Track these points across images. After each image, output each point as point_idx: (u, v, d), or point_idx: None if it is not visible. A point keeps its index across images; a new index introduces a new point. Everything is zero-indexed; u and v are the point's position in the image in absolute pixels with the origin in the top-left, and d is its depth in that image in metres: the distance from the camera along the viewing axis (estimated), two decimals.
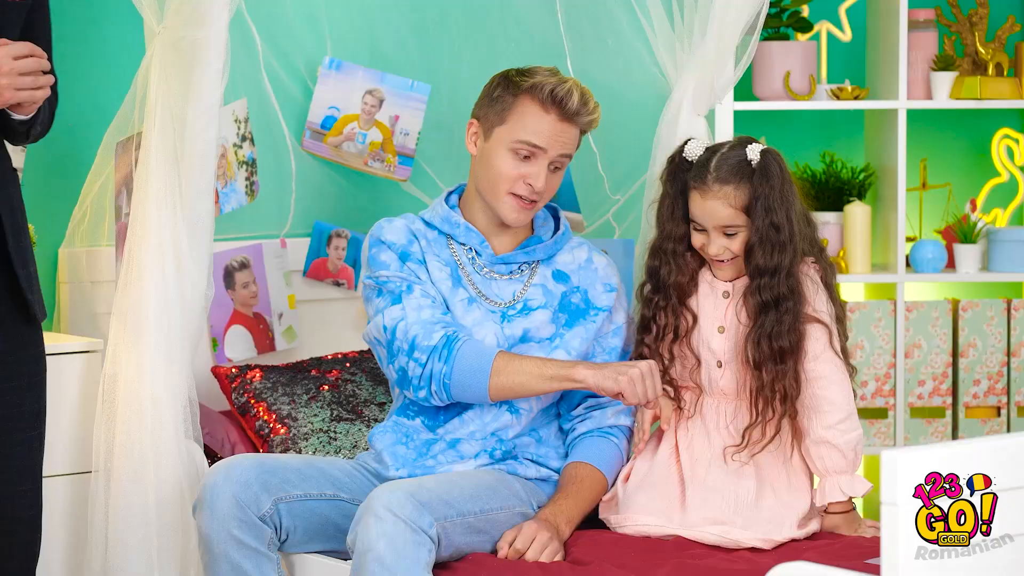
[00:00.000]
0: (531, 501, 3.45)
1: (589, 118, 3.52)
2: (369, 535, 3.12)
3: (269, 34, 4.20)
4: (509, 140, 3.49)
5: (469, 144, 3.57)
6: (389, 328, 3.46)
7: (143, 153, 3.53)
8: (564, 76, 3.53)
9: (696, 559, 3.23)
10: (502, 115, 3.50)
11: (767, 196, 3.41)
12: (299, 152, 4.26)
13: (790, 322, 3.41)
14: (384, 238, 3.56)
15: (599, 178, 4.37)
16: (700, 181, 3.45)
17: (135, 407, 3.51)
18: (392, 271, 3.52)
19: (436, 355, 3.41)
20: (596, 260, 3.64)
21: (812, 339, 3.44)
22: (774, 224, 3.41)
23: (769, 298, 3.42)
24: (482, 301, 3.54)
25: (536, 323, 3.54)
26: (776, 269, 3.41)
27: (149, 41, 3.55)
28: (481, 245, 3.57)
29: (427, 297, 3.48)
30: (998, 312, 4.65)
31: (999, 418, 4.67)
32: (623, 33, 4.16)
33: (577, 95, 3.49)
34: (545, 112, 3.49)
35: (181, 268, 3.54)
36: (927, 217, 4.93)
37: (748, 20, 3.87)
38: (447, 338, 3.41)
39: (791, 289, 3.42)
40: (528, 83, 3.50)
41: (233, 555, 3.28)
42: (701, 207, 3.45)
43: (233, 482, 3.29)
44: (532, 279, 3.59)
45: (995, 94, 4.63)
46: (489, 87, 3.57)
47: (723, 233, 3.45)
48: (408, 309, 3.46)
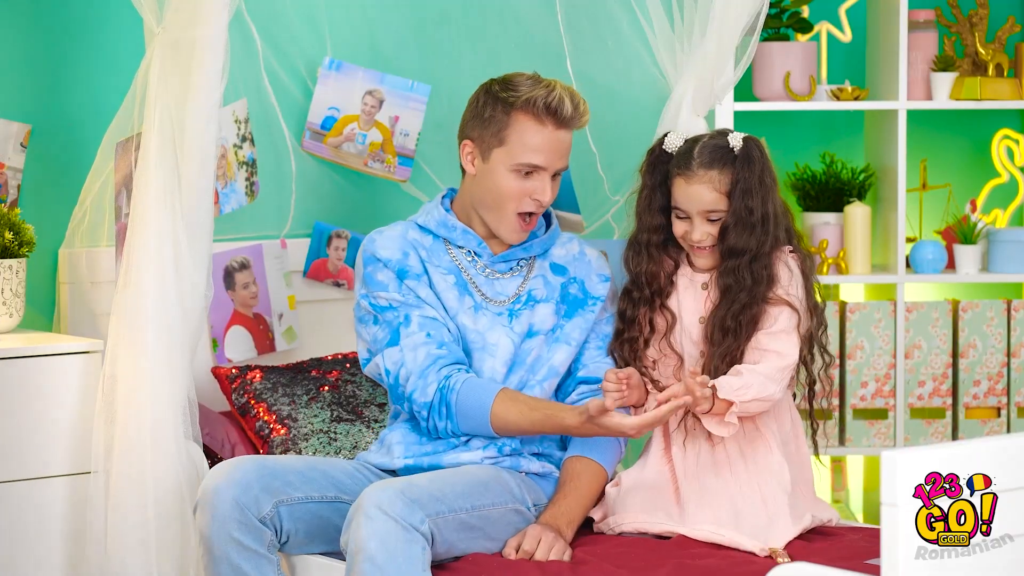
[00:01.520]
0: (525, 498, 3.45)
1: (582, 119, 3.54)
2: (360, 535, 3.12)
3: (269, 34, 4.21)
4: (510, 162, 3.49)
5: (465, 164, 3.55)
6: (392, 373, 3.49)
7: (143, 153, 3.53)
8: (547, 81, 3.52)
9: (696, 559, 3.22)
10: (499, 136, 3.49)
11: (746, 179, 3.45)
12: (299, 152, 4.26)
13: (752, 300, 3.42)
14: (379, 255, 3.54)
15: (599, 179, 4.37)
16: (685, 167, 3.47)
17: (135, 407, 3.51)
18: (390, 293, 3.51)
19: (436, 413, 3.45)
20: (588, 252, 3.68)
21: (776, 317, 3.45)
22: (748, 207, 3.44)
23: (737, 279, 3.44)
24: (488, 305, 3.54)
25: (540, 317, 3.56)
26: (746, 250, 3.44)
27: (149, 41, 3.55)
28: (480, 247, 3.57)
29: (424, 327, 3.47)
30: (998, 313, 4.65)
31: (999, 419, 4.67)
32: (623, 33, 4.16)
33: (568, 100, 3.49)
34: (542, 125, 3.49)
35: (181, 268, 3.54)
36: (927, 218, 4.93)
37: (748, 21, 3.87)
38: (441, 393, 3.43)
39: (761, 272, 3.44)
40: (518, 98, 3.48)
41: (233, 557, 3.29)
42: (685, 192, 3.47)
43: (234, 484, 3.28)
44: (532, 273, 3.60)
45: (995, 95, 4.63)
46: (476, 105, 3.54)
47: (706, 219, 3.47)
48: (406, 351, 3.47)
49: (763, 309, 3.44)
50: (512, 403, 3.43)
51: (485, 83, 3.56)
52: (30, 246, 3.77)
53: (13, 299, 3.75)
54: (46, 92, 3.99)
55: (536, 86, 3.50)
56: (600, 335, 3.62)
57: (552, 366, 3.56)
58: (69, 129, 4.00)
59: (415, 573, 3.13)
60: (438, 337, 3.48)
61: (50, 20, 3.98)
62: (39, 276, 3.96)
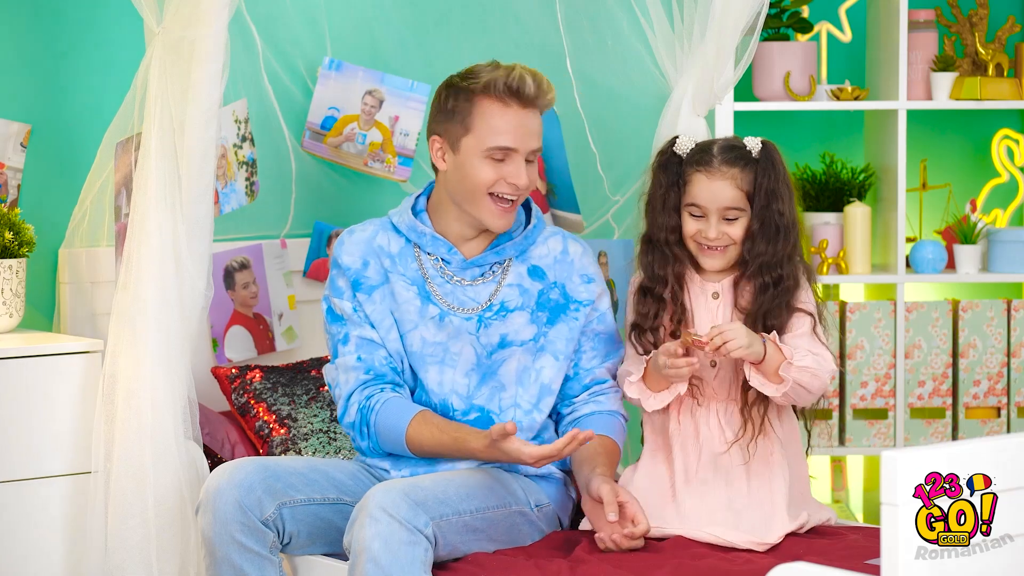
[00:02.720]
0: (528, 499, 3.45)
1: (547, 98, 3.48)
2: (364, 535, 3.12)
3: (269, 34, 4.21)
4: (480, 148, 3.44)
5: (437, 160, 3.50)
6: (332, 389, 3.54)
7: (143, 153, 3.53)
8: (508, 65, 3.48)
9: (696, 559, 3.22)
10: (465, 123, 3.45)
11: (772, 181, 3.45)
12: (299, 152, 4.26)
13: (785, 302, 3.43)
14: (341, 261, 3.52)
15: (599, 178, 4.37)
16: (705, 164, 3.46)
17: (135, 407, 3.51)
18: (343, 302, 3.50)
19: (358, 432, 3.47)
20: (571, 250, 3.60)
21: (796, 325, 3.45)
22: (779, 211, 3.44)
23: (770, 280, 3.44)
24: (454, 313, 3.51)
25: (514, 327, 3.51)
26: (776, 256, 3.44)
27: (149, 41, 3.55)
28: (449, 253, 3.52)
29: (359, 349, 3.48)
30: (998, 313, 4.65)
31: (999, 419, 4.66)
32: (623, 33, 4.15)
33: (530, 78, 3.45)
34: (506, 106, 3.44)
35: (181, 268, 3.54)
36: (927, 217, 4.93)
37: (748, 21, 3.87)
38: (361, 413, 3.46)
39: (790, 274, 3.45)
40: (478, 83, 3.45)
41: (235, 558, 3.28)
42: (707, 188, 3.45)
43: (236, 486, 3.28)
44: (506, 279, 3.54)
45: (995, 95, 4.63)
46: (438, 101, 3.51)
47: (723, 217, 3.45)
48: (340, 370, 3.49)
49: (792, 314, 3.44)
50: (424, 426, 3.42)
51: (446, 79, 3.53)
52: (30, 246, 3.78)
53: (13, 299, 3.75)
54: (46, 92, 3.99)
55: (496, 70, 3.46)
56: (592, 336, 3.58)
57: (543, 384, 3.52)
58: (69, 129, 4.00)
59: (415, 575, 3.13)
60: (369, 361, 3.47)
61: (50, 20, 3.98)
62: (39, 276, 3.96)
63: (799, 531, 3.43)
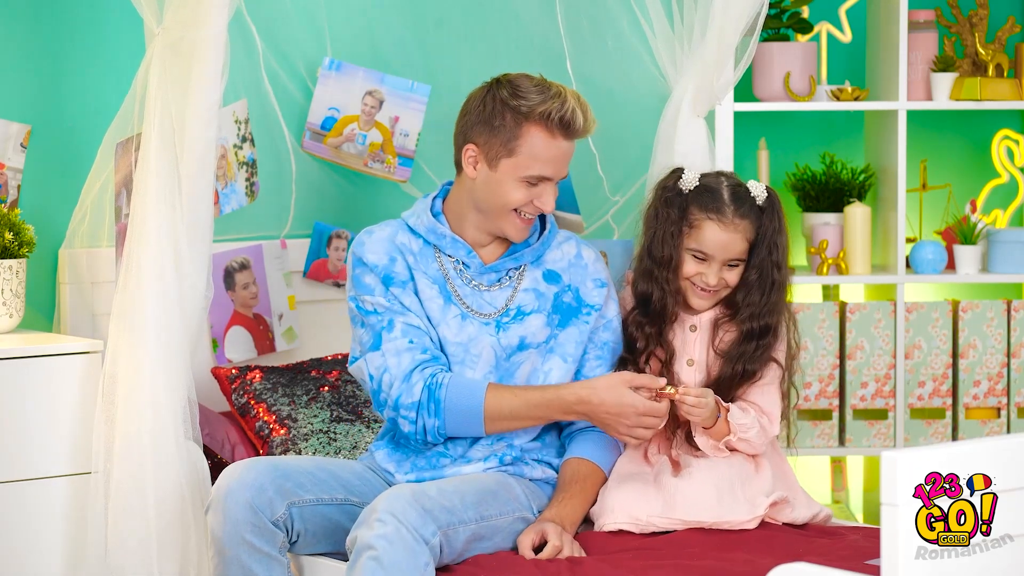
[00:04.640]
0: (531, 505, 3.45)
1: (591, 129, 3.50)
2: (370, 535, 3.12)
3: (269, 34, 4.21)
4: (519, 174, 3.44)
5: (467, 167, 3.48)
6: (375, 378, 3.46)
7: (143, 154, 3.53)
8: (556, 89, 3.45)
9: (696, 559, 3.23)
10: (509, 146, 3.43)
11: (775, 233, 3.50)
12: (299, 153, 4.26)
13: (763, 353, 3.50)
14: (366, 259, 3.50)
15: (598, 179, 4.37)
16: (717, 212, 3.48)
17: (135, 408, 3.51)
18: (376, 297, 3.48)
19: (424, 411, 3.42)
20: (585, 255, 3.62)
21: (766, 373, 3.53)
22: (776, 263, 3.50)
23: (757, 328, 3.49)
24: (473, 316, 3.51)
25: (532, 329, 3.52)
26: (768, 307, 3.49)
27: (149, 42, 3.55)
28: (468, 256, 3.53)
29: (407, 334, 3.45)
30: (998, 313, 4.65)
31: (999, 419, 4.66)
32: (623, 34, 4.15)
33: (580, 112, 3.44)
34: (553, 138, 3.44)
35: (181, 269, 3.54)
36: (927, 218, 4.93)
37: (748, 21, 3.87)
38: (429, 390, 3.41)
39: (776, 325, 3.51)
40: (532, 110, 3.42)
41: (244, 559, 3.28)
42: (719, 238, 3.48)
43: (247, 487, 3.27)
44: (522, 284, 3.55)
45: (995, 95, 4.63)
46: (483, 110, 3.46)
47: (726, 264, 3.47)
48: (388, 356, 3.44)
49: (767, 363, 3.51)
50: (503, 391, 3.42)
51: (488, 85, 3.49)
52: (30, 246, 3.78)
53: (13, 299, 3.75)
54: (46, 92, 3.99)
55: (548, 97, 3.43)
56: (598, 344, 3.58)
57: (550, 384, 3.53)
58: (69, 129, 4.00)
59: None
60: (420, 343, 3.45)
61: (50, 20, 3.99)
62: (39, 276, 3.96)
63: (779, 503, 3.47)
